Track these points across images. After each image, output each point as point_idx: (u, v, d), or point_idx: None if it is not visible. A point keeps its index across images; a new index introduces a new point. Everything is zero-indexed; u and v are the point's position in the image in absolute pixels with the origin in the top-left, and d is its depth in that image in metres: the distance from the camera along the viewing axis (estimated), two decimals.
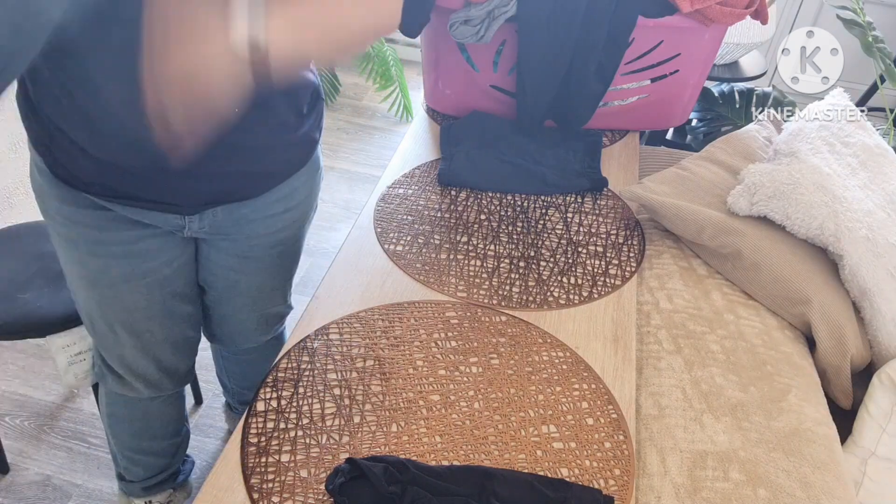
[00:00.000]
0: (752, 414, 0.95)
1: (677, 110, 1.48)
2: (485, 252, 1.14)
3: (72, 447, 1.59)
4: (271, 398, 0.88)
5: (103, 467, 1.55)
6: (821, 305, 1.08)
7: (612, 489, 0.81)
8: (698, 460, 0.89)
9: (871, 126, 1.36)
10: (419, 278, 1.08)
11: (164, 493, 1.37)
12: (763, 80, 2.29)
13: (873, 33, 1.84)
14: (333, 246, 2.26)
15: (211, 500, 0.76)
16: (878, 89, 2.00)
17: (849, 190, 1.16)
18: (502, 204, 1.26)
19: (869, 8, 2.60)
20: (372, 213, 1.21)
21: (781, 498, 0.85)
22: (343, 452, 0.82)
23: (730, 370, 1.01)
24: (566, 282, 1.10)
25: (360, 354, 0.94)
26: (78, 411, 1.67)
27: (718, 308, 1.12)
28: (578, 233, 1.21)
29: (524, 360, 0.95)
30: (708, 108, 2.02)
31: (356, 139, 2.86)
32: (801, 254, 1.13)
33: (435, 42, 1.39)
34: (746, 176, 1.17)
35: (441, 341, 0.97)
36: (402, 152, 1.39)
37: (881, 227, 1.12)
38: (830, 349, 1.08)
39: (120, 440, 1.27)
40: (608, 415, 0.89)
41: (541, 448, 0.84)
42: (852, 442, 1.06)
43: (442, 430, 0.86)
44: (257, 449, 0.81)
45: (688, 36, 1.31)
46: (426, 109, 1.54)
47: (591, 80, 1.30)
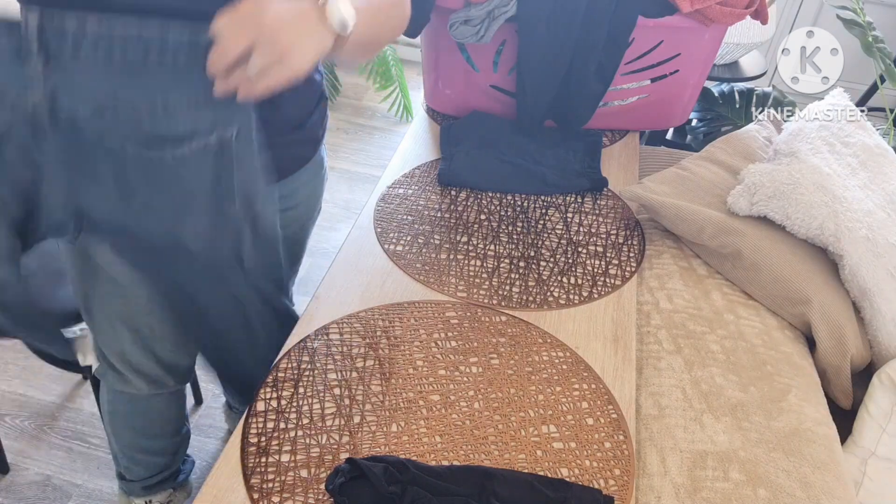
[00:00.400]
0: (752, 414, 0.95)
1: (677, 110, 1.48)
2: (485, 252, 1.14)
3: (72, 447, 1.59)
4: (271, 398, 0.88)
5: (103, 467, 1.55)
6: (821, 305, 1.08)
7: (612, 489, 0.81)
8: (698, 460, 0.89)
9: (871, 126, 1.36)
10: (419, 278, 1.08)
11: (165, 493, 1.37)
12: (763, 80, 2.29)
13: (873, 33, 1.84)
14: (333, 246, 2.26)
15: (211, 500, 0.76)
16: (878, 89, 2.00)
17: (849, 190, 1.16)
18: (502, 204, 1.26)
19: (869, 8, 2.60)
20: (372, 213, 1.21)
21: (781, 498, 0.85)
22: (343, 452, 0.82)
23: (730, 370, 1.01)
24: (566, 282, 1.10)
25: (360, 354, 0.94)
26: (78, 411, 1.67)
27: (718, 308, 1.12)
28: (578, 233, 1.21)
29: (524, 360, 0.95)
30: (708, 108, 2.02)
31: (356, 139, 2.86)
32: (801, 254, 1.13)
33: (435, 42, 1.39)
34: (746, 176, 1.17)
35: (441, 341, 0.97)
36: (402, 152, 1.39)
37: (881, 227, 1.12)
38: (830, 349, 1.08)
39: (120, 438, 1.27)
40: (608, 415, 0.89)
41: (541, 448, 0.84)
42: (852, 442, 1.06)
43: (442, 430, 0.86)
44: (257, 449, 0.82)
45: (688, 36, 1.31)
46: (426, 109, 1.54)
47: (591, 80, 1.30)
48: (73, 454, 1.57)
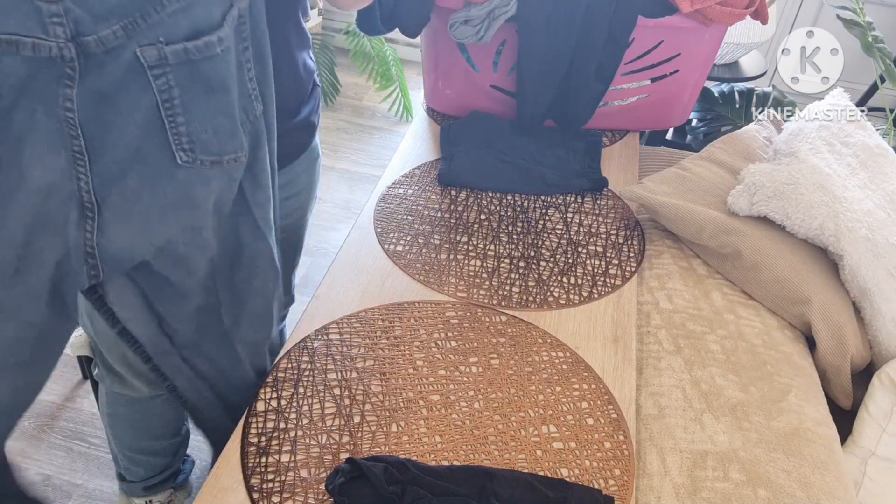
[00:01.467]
0: (752, 414, 0.95)
1: (677, 110, 1.48)
2: (485, 252, 1.14)
3: (72, 447, 1.59)
4: (271, 398, 0.88)
5: (103, 467, 1.55)
6: (821, 305, 1.08)
7: (612, 489, 0.81)
8: (698, 460, 0.89)
9: (871, 126, 1.36)
10: (419, 278, 1.08)
11: (165, 493, 1.37)
12: (763, 80, 2.29)
13: (873, 33, 1.83)
14: (333, 246, 2.26)
15: (211, 500, 0.76)
16: (878, 89, 2.00)
17: (849, 190, 1.16)
18: (502, 204, 1.26)
19: (869, 8, 2.60)
20: (372, 213, 1.21)
21: (781, 498, 0.85)
22: (343, 452, 0.82)
23: (730, 370, 1.01)
24: (566, 282, 1.10)
25: (360, 354, 0.94)
26: (78, 411, 1.67)
27: (718, 308, 1.12)
28: (578, 233, 1.21)
29: (524, 360, 0.95)
30: (708, 108, 2.02)
31: (356, 139, 2.85)
32: (801, 254, 1.13)
33: (435, 42, 1.39)
34: (746, 176, 1.17)
35: (441, 341, 0.97)
36: (402, 152, 1.39)
37: (881, 227, 1.12)
38: (830, 349, 1.08)
39: (121, 440, 1.27)
40: (608, 415, 0.89)
41: (541, 448, 0.84)
42: (852, 442, 1.06)
43: (442, 430, 0.86)
44: (257, 449, 0.82)
45: (688, 36, 1.31)
46: (426, 109, 1.54)
47: (591, 80, 1.30)
48: (73, 454, 1.57)
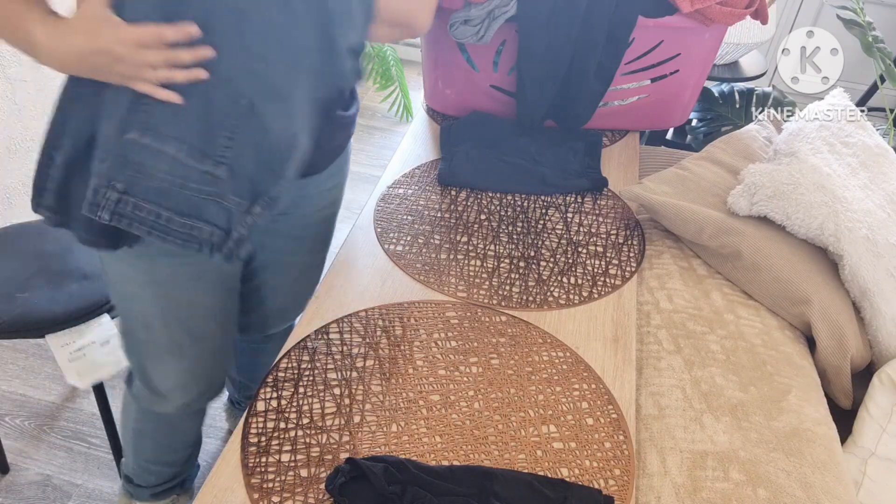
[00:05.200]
0: (752, 414, 0.95)
1: (677, 110, 1.48)
2: (485, 252, 1.14)
3: (72, 447, 1.59)
4: (271, 398, 0.88)
5: (103, 467, 1.55)
6: (821, 305, 1.08)
7: (612, 489, 0.81)
8: (698, 460, 0.89)
9: (871, 126, 1.36)
10: (419, 278, 1.08)
11: (169, 499, 1.37)
12: (763, 80, 2.29)
13: (873, 33, 1.84)
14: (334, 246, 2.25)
15: (211, 500, 0.76)
16: (878, 89, 2.00)
17: (849, 190, 1.16)
18: (502, 204, 1.26)
19: (869, 8, 2.60)
20: (372, 213, 1.21)
21: (781, 498, 0.85)
22: (343, 452, 0.82)
23: (730, 370, 1.01)
24: (566, 282, 1.10)
25: (360, 354, 0.94)
26: (78, 411, 1.67)
27: (718, 308, 1.12)
28: (578, 233, 1.21)
29: (524, 360, 0.95)
30: (708, 108, 2.02)
31: (356, 139, 2.85)
32: (801, 254, 1.13)
33: (435, 42, 1.39)
34: (746, 176, 1.17)
35: (441, 341, 0.97)
36: (402, 152, 1.39)
37: (881, 227, 1.12)
38: (830, 349, 1.08)
39: (141, 454, 1.26)
40: (608, 415, 0.89)
41: (541, 448, 0.84)
42: (852, 442, 1.06)
43: (442, 430, 0.86)
44: (257, 449, 0.82)
45: (688, 36, 1.31)
46: (426, 109, 1.54)
47: (591, 80, 1.30)
48: (73, 454, 1.57)
